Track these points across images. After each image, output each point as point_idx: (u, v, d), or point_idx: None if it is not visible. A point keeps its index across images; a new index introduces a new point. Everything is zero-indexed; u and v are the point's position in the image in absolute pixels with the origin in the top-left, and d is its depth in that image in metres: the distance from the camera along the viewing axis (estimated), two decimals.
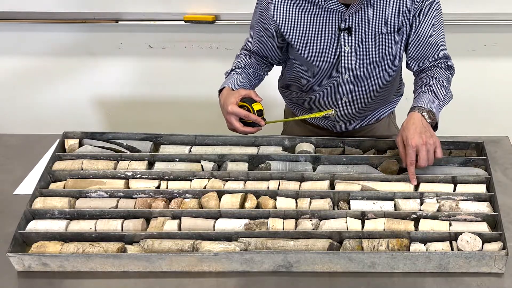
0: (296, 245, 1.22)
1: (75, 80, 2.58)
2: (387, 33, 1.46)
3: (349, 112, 1.63)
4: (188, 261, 1.20)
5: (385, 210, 1.30)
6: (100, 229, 1.27)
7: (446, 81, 1.48)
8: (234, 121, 1.41)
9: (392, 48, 1.50)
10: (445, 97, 1.44)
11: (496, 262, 1.19)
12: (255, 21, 1.55)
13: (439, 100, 1.42)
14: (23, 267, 1.21)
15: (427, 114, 1.36)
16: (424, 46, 1.49)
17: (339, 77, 1.54)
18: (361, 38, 1.46)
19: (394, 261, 1.20)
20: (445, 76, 1.49)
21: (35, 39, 2.45)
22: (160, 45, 2.47)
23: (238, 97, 1.41)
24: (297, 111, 1.74)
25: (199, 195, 1.36)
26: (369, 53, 1.49)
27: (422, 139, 1.31)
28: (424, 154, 1.31)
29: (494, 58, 2.45)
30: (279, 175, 1.40)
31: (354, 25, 1.44)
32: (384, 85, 1.60)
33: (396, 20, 1.44)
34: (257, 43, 1.57)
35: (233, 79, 1.50)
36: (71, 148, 1.51)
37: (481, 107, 2.57)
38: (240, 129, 1.42)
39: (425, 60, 1.52)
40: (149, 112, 2.67)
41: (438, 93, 1.42)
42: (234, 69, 1.55)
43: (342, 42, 1.46)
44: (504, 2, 2.24)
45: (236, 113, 1.39)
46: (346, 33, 1.45)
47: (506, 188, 1.45)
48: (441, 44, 1.50)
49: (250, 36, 1.60)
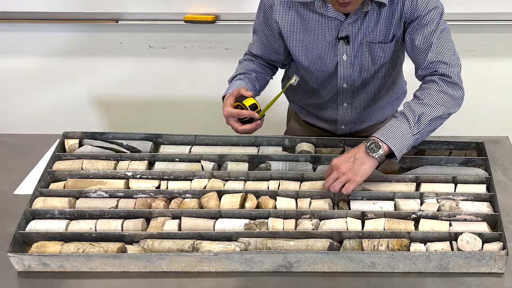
0: (296, 245, 1.22)
1: (75, 80, 2.58)
2: (381, 43, 1.44)
3: (351, 116, 1.63)
4: (188, 261, 1.20)
5: (385, 210, 1.30)
6: (100, 229, 1.27)
7: (429, 98, 1.30)
8: (233, 122, 1.41)
9: (386, 58, 1.48)
10: (422, 117, 1.27)
11: (496, 262, 1.19)
12: (258, 25, 1.54)
13: (409, 123, 1.27)
14: (23, 267, 1.21)
15: (373, 145, 1.25)
16: (415, 50, 1.39)
17: (338, 86, 1.54)
18: (358, 48, 1.45)
19: (394, 261, 1.20)
20: (432, 91, 1.31)
21: (35, 39, 2.45)
22: (160, 45, 2.47)
23: (232, 98, 1.40)
24: (300, 113, 1.74)
25: (199, 195, 1.36)
26: (365, 63, 1.48)
27: (343, 165, 1.26)
28: (332, 178, 1.27)
29: (494, 58, 2.45)
30: (279, 175, 1.40)
31: (352, 34, 1.43)
32: (384, 90, 1.60)
33: (389, 30, 1.43)
34: (261, 46, 1.56)
35: (235, 86, 1.49)
36: (71, 148, 1.51)
37: (481, 107, 2.57)
38: (240, 128, 1.41)
39: (418, 65, 1.40)
40: (149, 112, 2.66)
41: (409, 116, 1.27)
42: (236, 75, 1.54)
43: (340, 50, 1.46)
44: (504, 2, 2.24)
45: (230, 114, 1.39)
46: (344, 42, 1.44)
47: (506, 188, 1.45)
48: (433, 48, 1.34)
49: (253, 41, 1.58)
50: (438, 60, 1.34)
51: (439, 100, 1.30)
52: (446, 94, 1.32)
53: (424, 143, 1.51)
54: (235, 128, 1.41)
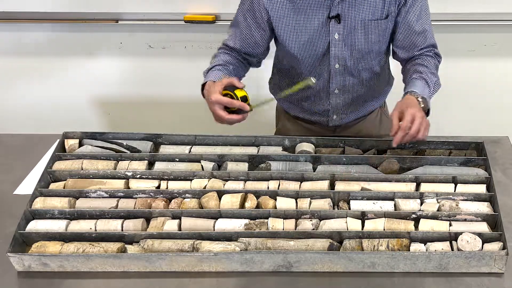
0: (296, 245, 1.22)
1: (75, 80, 2.58)
2: (375, 20, 1.47)
3: (342, 105, 1.64)
4: (188, 261, 1.20)
5: (385, 210, 1.30)
6: (100, 229, 1.27)
7: (435, 69, 1.50)
8: (219, 110, 1.36)
9: (380, 36, 1.51)
10: (435, 85, 1.47)
11: (496, 262, 1.19)
12: (240, 15, 1.54)
13: (429, 87, 1.43)
14: (23, 267, 1.21)
15: (421, 99, 1.37)
16: (413, 34, 1.50)
17: (330, 67, 1.54)
18: (350, 26, 1.47)
19: (394, 261, 1.20)
20: (434, 64, 1.51)
21: (35, 39, 2.45)
22: (160, 45, 2.47)
23: (221, 86, 1.36)
24: (290, 109, 1.74)
25: (199, 195, 1.36)
26: (358, 41, 1.50)
27: (420, 112, 1.32)
28: (417, 124, 1.30)
29: (494, 58, 2.45)
30: (279, 175, 1.40)
31: (344, 12, 1.45)
32: (374, 75, 1.62)
33: (383, 7, 1.46)
34: (242, 38, 1.55)
35: (214, 74, 1.47)
36: (71, 148, 1.51)
37: (481, 107, 2.57)
38: (226, 117, 1.36)
39: (414, 48, 1.52)
40: (149, 112, 2.66)
41: (428, 81, 1.44)
42: (214, 66, 1.51)
43: (331, 30, 1.47)
44: (504, 2, 2.24)
45: (219, 102, 1.34)
46: (335, 20, 1.46)
47: (506, 188, 1.45)
48: (428, 32, 1.52)
49: (231, 34, 1.57)
50: (434, 43, 1.54)
51: (437, 74, 1.51)
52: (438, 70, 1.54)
53: (424, 143, 1.51)
54: (221, 115, 1.36)
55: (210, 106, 1.38)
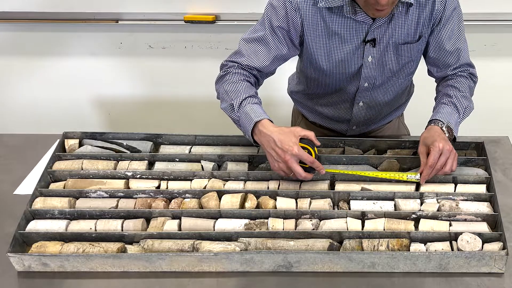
0: (296, 245, 1.22)
1: (75, 80, 2.58)
2: (407, 44, 1.46)
3: (364, 116, 1.64)
4: (188, 261, 1.20)
5: (385, 210, 1.30)
6: (100, 229, 1.27)
7: (468, 91, 1.48)
8: (295, 164, 1.26)
9: (411, 58, 1.50)
10: (466, 110, 1.44)
11: (496, 262, 1.19)
12: (269, 28, 1.42)
13: (459, 113, 1.42)
14: (23, 267, 1.21)
15: (446, 128, 1.37)
16: (445, 53, 1.48)
17: (359, 84, 1.53)
18: (383, 49, 1.46)
19: (394, 261, 1.20)
20: (467, 86, 1.48)
21: (35, 39, 2.45)
22: (160, 45, 2.47)
23: (298, 137, 1.28)
24: (309, 115, 1.73)
25: (199, 195, 1.36)
26: (390, 63, 1.49)
27: (448, 145, 1.32)
28: (444, 159, 1.31)
29: (494, 58, 2.45)
30: (279, 175, 1.40)
31: (379, 36, 1.43)
32: (400, 91, 1.62)
33: (416, 30, 1.44)
34: (269, 56, 1.43)
35: (255, 110, 1.33)
36: (71, 148, 1.51)
37: (481, 107, 2.55)
38: (303, 174, 1.27)
39: (447, 67, 1.51)
40: (149, 112, 2.67)
41: (458, 106, 1.42)
42: (247, 97, 1.36)
43: (366, 53, 1.46)
44: (504, 2, 2.24)
45: (301, 157, 1.26)
46: (371, 44, 1.44)
47: (506, 188, 1.45)
48: (462, 51, 1.50)
49: (254, 51, 1.43)
50: (469, 62, 1.54)
51: (470, 97, 1.50)
52: (473, 92, 1.54)
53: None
54: (297, 171, 1.27)
55: (283, 155, 1.26)
